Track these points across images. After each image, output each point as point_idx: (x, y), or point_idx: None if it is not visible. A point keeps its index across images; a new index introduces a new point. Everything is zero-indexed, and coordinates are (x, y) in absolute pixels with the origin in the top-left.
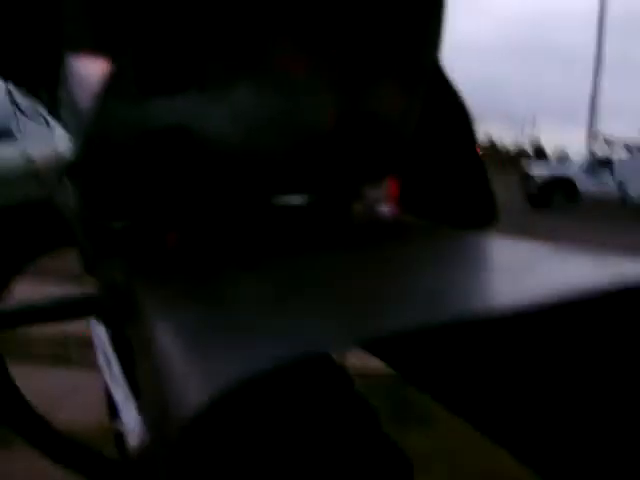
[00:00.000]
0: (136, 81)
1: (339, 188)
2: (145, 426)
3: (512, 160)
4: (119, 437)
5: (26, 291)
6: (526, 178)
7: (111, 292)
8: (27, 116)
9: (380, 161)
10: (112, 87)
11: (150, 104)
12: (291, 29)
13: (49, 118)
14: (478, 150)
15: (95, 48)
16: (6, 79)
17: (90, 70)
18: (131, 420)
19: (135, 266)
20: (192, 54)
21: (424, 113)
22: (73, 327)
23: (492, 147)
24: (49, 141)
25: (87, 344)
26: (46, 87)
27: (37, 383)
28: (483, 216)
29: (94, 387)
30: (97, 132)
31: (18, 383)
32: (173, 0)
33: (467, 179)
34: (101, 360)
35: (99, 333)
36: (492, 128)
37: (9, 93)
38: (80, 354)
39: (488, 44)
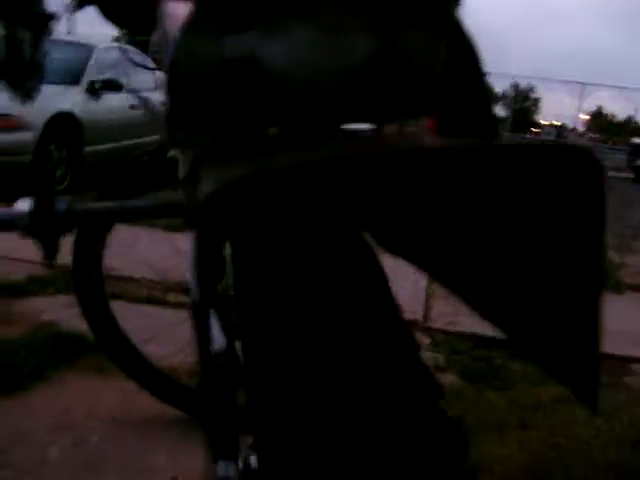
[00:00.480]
0: (214, 20)
1: (380, 118)
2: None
3: (621, 131)
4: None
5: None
6: (634, 150)
7: (193, 199)
8: (137, 66)
9: (414, 95)
10: (195, 25)
11: (225, 39)
12: None
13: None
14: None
15: None
16: (117, 26)
17: (178, 11)
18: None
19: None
20: (255, 1)
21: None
22: (171, 274)
23: (601, 117)
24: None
25: (183, 290)
26: (147, 32)
27: (134, 319)
28: (486, 136)
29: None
30: (184, 59)
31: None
32: None
33: (476, 107)
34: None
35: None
36: (602, 98)
37: (119, 48)
38: (176, 298)
39: (602, 9)
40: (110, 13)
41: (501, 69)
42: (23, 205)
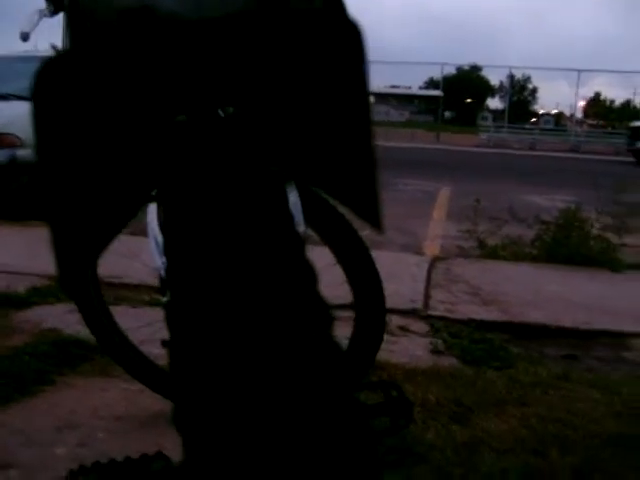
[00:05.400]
0: None
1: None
2: None
3: (621, 116)
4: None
5: None
6: (633, 133)
7: None
8: None
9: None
10: None
11: None
12: None
13: None
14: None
15: None
16: None
17: None
18: None
19: None
20: None
21: None
22: None
23: (599, 103)
24: None
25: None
26: None
27: (135, 321)
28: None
29: None
30: (86, 11)
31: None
32: None
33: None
34: (151, 238)
35: (152, 217)
36: (600, 84)
37: None
38: None
39: None
40: None
41: (497, 60)
42: None
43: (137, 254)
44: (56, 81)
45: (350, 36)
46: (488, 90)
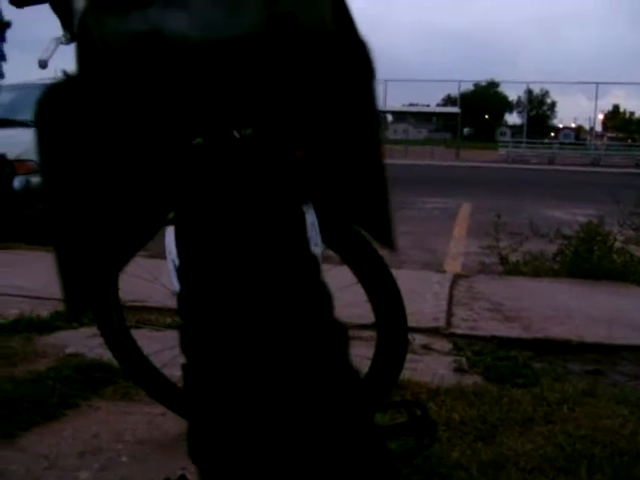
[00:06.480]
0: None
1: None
2: None
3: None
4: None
5: None
6: None
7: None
8: None
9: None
10: (102, 4)
11: (131, 15)
12: None
13: None
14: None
15: None
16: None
17: None
18: None
19: None
20: None
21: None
22: None
23: (618, 115)
24: None
25: None
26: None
27: (156, 344)
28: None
29: None
30: (97, 34)
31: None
32: None
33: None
34: (170, 262)
35: (170, 240)
36: (618, 97)
37: None
38: None
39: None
40: None
41: (514, 75)
42: None
43: (158, 277)
44: (59, 107)
45: (360, 57)
46: (506, 106)
